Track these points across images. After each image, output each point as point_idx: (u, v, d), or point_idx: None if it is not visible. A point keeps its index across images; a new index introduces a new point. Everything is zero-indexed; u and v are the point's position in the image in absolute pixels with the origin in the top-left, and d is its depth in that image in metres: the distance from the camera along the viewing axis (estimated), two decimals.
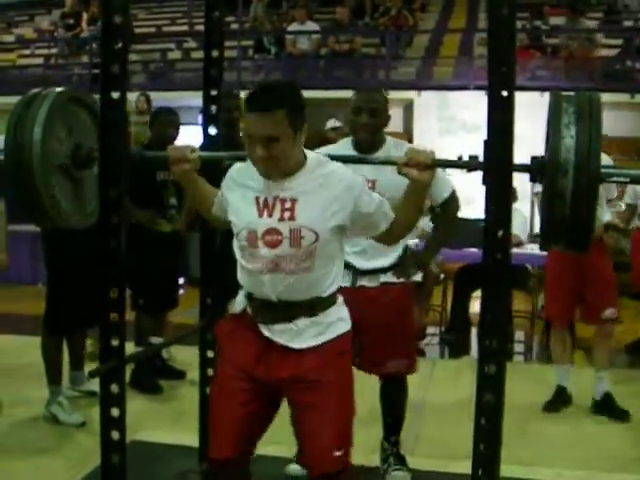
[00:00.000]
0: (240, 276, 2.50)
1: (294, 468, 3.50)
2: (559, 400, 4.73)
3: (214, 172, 2.78)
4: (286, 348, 2.43)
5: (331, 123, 7.26)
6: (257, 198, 2.38)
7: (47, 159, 2.63)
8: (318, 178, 2.36)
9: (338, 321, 2.49)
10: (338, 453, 2.41)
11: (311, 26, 12.09)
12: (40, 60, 13.50)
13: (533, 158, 2.35)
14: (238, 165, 2.53)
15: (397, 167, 2.32)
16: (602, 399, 4.63)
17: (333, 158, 2.48)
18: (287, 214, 2.34)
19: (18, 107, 2.67)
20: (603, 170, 2.21)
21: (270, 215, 2.35)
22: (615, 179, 2.40)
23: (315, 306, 2.43)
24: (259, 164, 2.32)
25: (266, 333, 2.44)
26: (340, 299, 2.52)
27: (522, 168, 2.36)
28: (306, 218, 2.33)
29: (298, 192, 2.34)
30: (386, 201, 2.44)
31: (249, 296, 2.49)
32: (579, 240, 2.26)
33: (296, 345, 2.43)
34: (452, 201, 3.43)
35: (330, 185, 2.35)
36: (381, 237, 2.50)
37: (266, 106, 2.23)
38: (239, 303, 2.53)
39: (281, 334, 2.43)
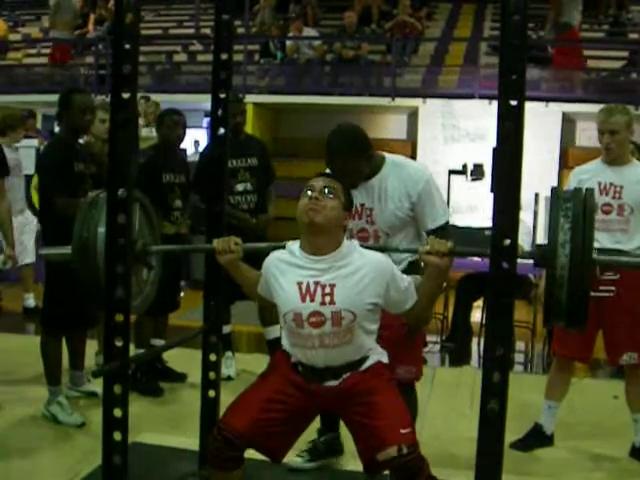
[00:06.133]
0: (288, 348, 2.77)
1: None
2: (533, 439, 4.03)
3: None
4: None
5: None
6: (299, 284, 2.64)
7: None
8: (352, 263, 2.63)
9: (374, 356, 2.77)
10: (405, 448, 2.56)
11: (311, 34, 12.12)
12: (46, 60, 13.49)
13: (538, 246, 2.52)
14: (277, 253, 2.76)
15: (419, 255, 2.57)
16: None
17: None
18: (327, 298, 2.61)
19: (84, 208, 2.86)
20: (596, 257, 2.38)
21: (312, 300, 2.62)
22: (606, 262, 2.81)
23: (355, 365, 2.71)
24: (312, 206, 2.58)
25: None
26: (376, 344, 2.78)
27: (527, 255, 2.51)
28: (344, 302, 2.60)
29: (335, 277, 2.61)
30: (412, 283, 2.70)
31: (296, 362, 2.75)
32: (576, 320, 2.43)
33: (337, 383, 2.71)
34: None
35: (364, 268, 2.62)
36: (405, 313, 2.76)
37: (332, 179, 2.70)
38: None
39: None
